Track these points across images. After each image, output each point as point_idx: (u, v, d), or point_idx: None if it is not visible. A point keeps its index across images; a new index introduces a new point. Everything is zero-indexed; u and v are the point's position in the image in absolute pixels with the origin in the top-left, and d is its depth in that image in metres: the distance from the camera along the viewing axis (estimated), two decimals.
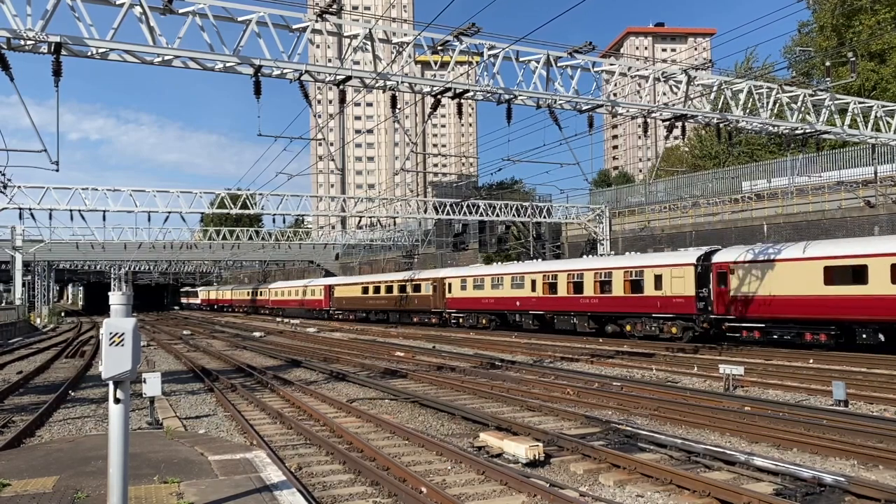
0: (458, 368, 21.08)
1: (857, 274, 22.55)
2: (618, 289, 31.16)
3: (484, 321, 40.81)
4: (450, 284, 43.81)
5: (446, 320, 44.59)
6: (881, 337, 22.40)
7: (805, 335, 24.11)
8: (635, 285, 30.39)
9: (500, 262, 49.08)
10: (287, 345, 33.20)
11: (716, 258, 27.61)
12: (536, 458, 9.64)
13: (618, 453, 9.72)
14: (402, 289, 49.43)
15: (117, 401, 6.04)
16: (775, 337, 25.11)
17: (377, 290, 53.30)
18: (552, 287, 35.16)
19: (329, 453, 10.48)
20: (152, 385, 13.16)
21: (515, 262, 45.09)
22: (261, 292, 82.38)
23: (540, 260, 42.09)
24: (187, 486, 7.57)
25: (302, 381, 19.12)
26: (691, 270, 28.05)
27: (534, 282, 36.39)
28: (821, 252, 23.91)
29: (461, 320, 43.02)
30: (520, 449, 9.76)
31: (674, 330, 28.84)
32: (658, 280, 29.26)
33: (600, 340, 30.08)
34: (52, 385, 19.60)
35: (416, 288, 47.45)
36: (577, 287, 33.50)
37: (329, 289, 61.68)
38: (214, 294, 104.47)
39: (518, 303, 37.47)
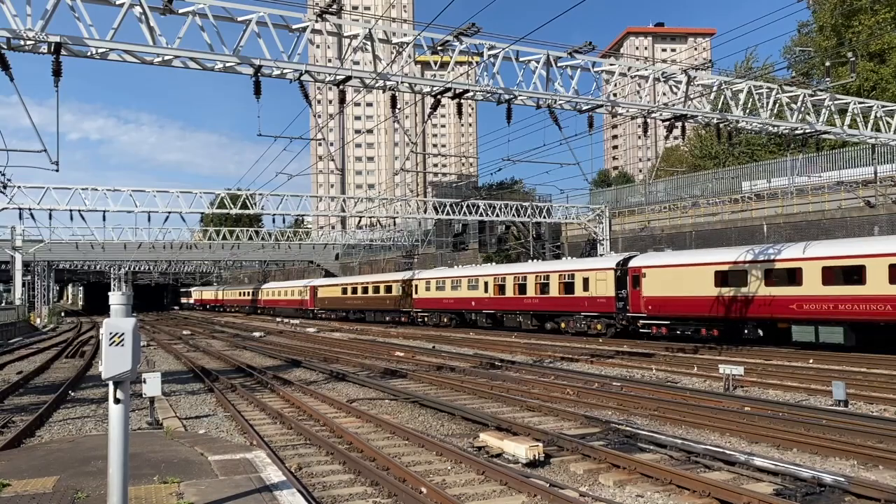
0: (457, 368, 21.08)
1: (736, 277, 26.40)
2: (554, 290, 34.88)
3: (445, 319, 44.44)
4: (416, 286, 47.09)
5: (414, 319, 47.72)
6: (760, 332, 25.88)
7: (701, 331, 27.72)
8: (568, 287, 34.02)
9: (502, 263, 49.61)
10: (287, 345, 33.21)
11: (631, 263, 31.02)
12: (536, 458, 9.64)
13: (618, 453, 9.72)
14: (376, 290, 52.94)
15: (117, 401, 6.04)
16: (678, 332, 28.60)
17: (354, 290, 56.64)
18: (501, 289, 38.84)
19: (329, 453, 10.48)
20: (152, 385, 13.16)
21: (472, 265, 48.59)
22: (250, 292, 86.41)
23: (493, 264, 45.75)
24: (187, 486, 7.57)
25: (302, 381, 19.12)
26: (611, 274, 31.68)
27: (486, 284, 40.17)
28: (712, 258, 27.73)
29: (426, 319, 46.24)
30: (520, 449, 9.76)
31: (598, 327, 32.44)
32: (585, 283, 32.92)
33: (600, 340, 30.11)
34: (52, 385, 19.60)
35: (388, 289, 50.99)
36: (522, 289, 37.17)
37: (314, 290, 64.75)
38: (206, 294, 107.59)
39: (473, 303, 41.31)
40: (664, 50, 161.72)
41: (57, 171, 16.05)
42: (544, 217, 45.87)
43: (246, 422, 12.86)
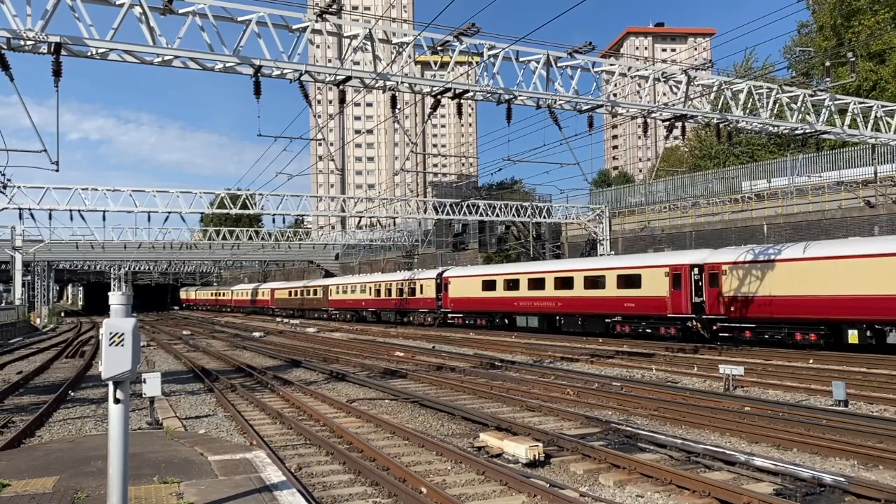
0: (457, 368, 21.08)
1: (492, 285, 39.80)
2: (406, 293, 48.81)
3: (348, 316, 57.95)
4: (331, 289, 61.28)
5: (330, 315, 60.97)
6: (506, 321, 39.14)
7: (479, 320, 41.44)
8: (412, 291, 47.98)
9: (501, 262, 50.35)
10: (287, 345, 33.21)
11: (444, 274, 44.64)
12: (536, 458, 9.63)
13: (618, 453, 9.71)
14: (308, 293, 66.88)
15: (117, 401, 6.04)
16: (468, 322, 42.08)
17: (295, 293, 70.71)
18: (378, 292, 52.88)
19: (329, 453, 10.48)
20: (152, 385, 13.16)
21: (368, 273, 62.35)
22: (222, 294, 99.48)
23: (380, 273, 59.07)
24: (187, 486, 7.57)
25: (302, 381, 19.12)
26: (433, 282, 45.28)
27: (370, 289, 54.32)
28: (480, 272, 41.98)
29: (336, 315, 59.90)
30: (520, 449, 9.76)
31: (429, 319, 46.02)
32: (421, 288, 46.66)
33: (600, 341, 30.12)
34: (52, 385, 19.59)
35: (315, 292, 64.99)
36: (389, 292, 51.25)
37: (272, 292, 78.49)
38: (184, 294, 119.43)
39: (363, 303, 55.51)
40: (664, 50, 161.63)
41: (57, 171, 16.07)
42: (544, 217, 45.86)
43: (246, 422, 12.85)
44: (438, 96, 17.37)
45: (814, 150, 27.18)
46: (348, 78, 15.99)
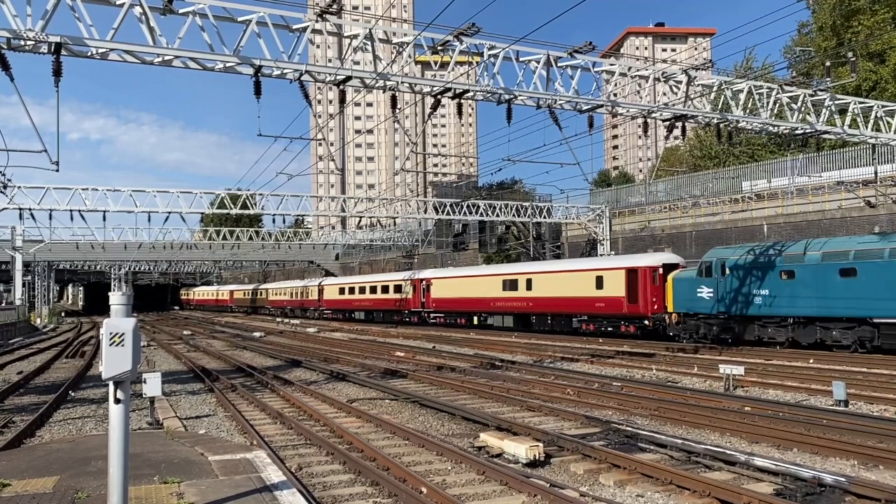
0: (458, 368, 21.08)
1: (343, 290, 58.79)
2: (306, 296, 66.49)
3: (278, 313, 73.70)
4: (269, 292, 79.60)
5: (269, 312, 77.78)
6: (352, 315, 57.30)
7: (339, 315, 58.97)
8: (305, 294, 66.35)
9: (502, 263, 50.53)
10: (287, 345, 33.21)
11: (322, 283, 63.31)
12: (536, 458, 9.63)
13: (618, 453, 9.71)
14: (254, 293, 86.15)
15: (117, 401, 6.04)
16: (335, 316, 59.96)
17: (246, 294, 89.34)
18: (292, 294, 70.64)
19: (329, 453, 10.48)
20: (152, 385, 13.15)
21: (298, 279, 78.69)
22: (199, 293, 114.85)
23: (304, 279, 75.40)
24: (187, 486, 7.57)
25: (302, 381, 19.12)
26: (316, 288, 63.66)
27: (288, 291, 72.29)
28: (339, 281, 61.60)
29: (273, 311, 76.42)
30: (520, 449, 9.75)
31: (316, 314, 63.18)
32: (311, 292, 64.85)
33: (600, 340, 30.13)
34: (53, 385, 19.59)
35: (259, 293, 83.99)
36: (297, 294, 69.35)
37: (231, 293, 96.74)
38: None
39: (285, 302, 72.87)
40: (664, 50, 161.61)
41: (57, 171, 16.05)
42: (544, 217, 45.85)
43: (246, 422, 12.85)
44: (438, 96, 17.36)
45: (814, 150, 27.14)
46: (348, 78, 15.99)
